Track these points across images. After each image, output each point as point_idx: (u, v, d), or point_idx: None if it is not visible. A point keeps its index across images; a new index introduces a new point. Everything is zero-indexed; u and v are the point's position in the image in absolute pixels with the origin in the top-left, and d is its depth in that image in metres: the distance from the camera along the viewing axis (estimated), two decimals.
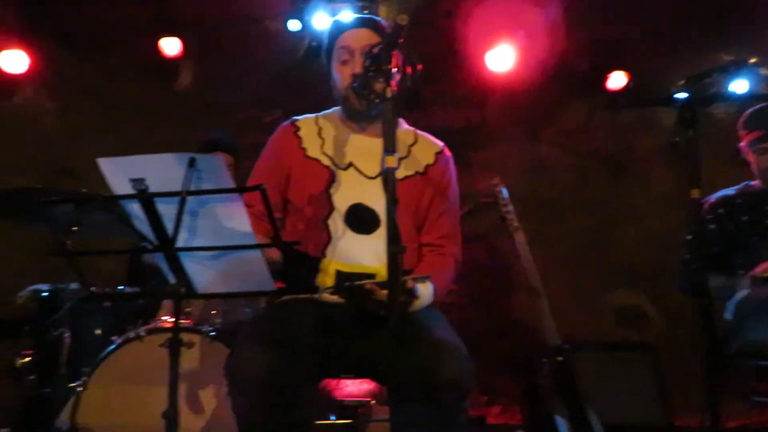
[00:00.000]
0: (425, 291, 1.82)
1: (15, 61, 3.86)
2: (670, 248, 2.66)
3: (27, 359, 2.72)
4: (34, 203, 2.21)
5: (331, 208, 1.90)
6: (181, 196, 1.30)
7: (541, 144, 4.11)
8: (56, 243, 1.41)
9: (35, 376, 2.73)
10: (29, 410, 2.67)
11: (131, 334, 2.34)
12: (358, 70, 1.86)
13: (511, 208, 2.74)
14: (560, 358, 2.52)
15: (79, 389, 2.26)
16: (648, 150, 3.93)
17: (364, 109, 1.93)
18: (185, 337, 1.46)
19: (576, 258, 3.89)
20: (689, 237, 2.49)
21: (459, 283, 3.49)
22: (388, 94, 1.53)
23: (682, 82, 2.03)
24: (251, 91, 4.07)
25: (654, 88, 3.74)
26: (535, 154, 4.08)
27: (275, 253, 1.79)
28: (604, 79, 3.91)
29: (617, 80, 3.90)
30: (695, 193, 1.99)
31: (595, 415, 2.50)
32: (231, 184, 1.33)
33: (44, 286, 2.94)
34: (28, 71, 3.92)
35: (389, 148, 1.51)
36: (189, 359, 2.21)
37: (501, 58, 3.83)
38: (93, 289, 1.54)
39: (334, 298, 1.83)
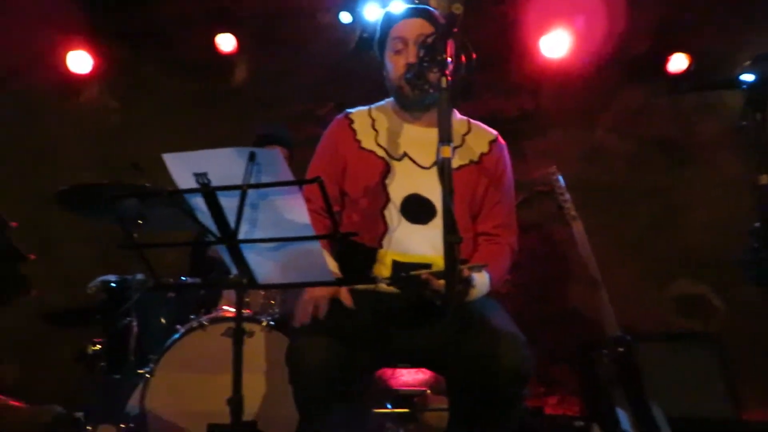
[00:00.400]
0: (481, 280, 1.81)
1: (80, 61, 4.03)
2: (736, 236, 2.55)
3: (98, 347, 2.84)
4: (103, 198, 2.30)
5: (386, 199, 1.91)
6: (242, 189, 1.33)
7: (598, 130, 4.01)
8: (125, 236, 1.46)
9: (106, 363, 2.85)
10: (101, 395, 2.79)
11: (194, 324, 2.41)
12: (411, 59, 1.87)
13: (567, 196, 2.70)
14: (621, 349, 2.47)
15: (146, 376, 2.34)
16: (712, 134, 3.78)
17: (418, 99, 1.93)
18: (246, 326, 1.50)
19: (636, 247, 3.79)
20: (757, 225, 2.38)
21: (515, 273, 3.45)
22: (443, 83, 1.53)
23: (748, 63, 1.94)
24: (304, 84, 4.12)
25: (717, 71, 3.59)
26: (592, 140, 3.98)
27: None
28: (665, 61, 3.78)
29: (678, 63, 3.77)
30: (764, 179, 1.91)
31: (659, 408, 2.44)
32: (290, 177, 1.35)
33: (112, 277, 3.06)
34: (93, 71, 4.08)
35: (445, 138, 1.51)
36: (249, 348, 2.26)
37: (555, 44, 3.76)
38: (160, 280, 1.59)
39: (391, 288, 1.84)
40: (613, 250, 3.56)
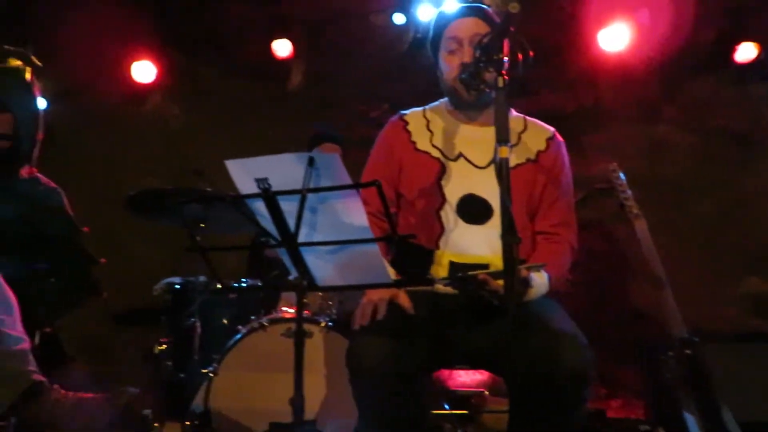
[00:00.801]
0: (540, 280, 1.79)
1: (144, 71, 4.20)
2: None
3: (164, 346, 2.94)
4: (168, 203, 2.39)
5: (442, 200, 1.90)
6: (302, 193, 1.35)
7: (660, 123, 3.89)
8: (190, 239, 1.51)
9: (172, 362, 2.95)
10: (168, 394, 2.89)
11: (255, 324, 2.46)
12: (466, 59, 1.86)
13: (629, 193, 2.63)
14: (688, 351, 2.38)
15: (210, 375, 2.41)
16: None
17: (474, 99, 1.92)
18: (305, 327, 1.53)
19: (703, 243, 3.66)
20: None
21: (575, 272, 3.38)
22: (500, 83, 1.51)
23: None
24: (358, 86, 4.16)
25: None
26: (654, 134, 3.87)
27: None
28: (732, 51, 3.63)
29: (747, 52, 3.62)
30: None
31: (729, 412, 2.35)
32: (348, 181, 1.37)
33: (177, 279, 3.17)
34: (156, 80, 4.24)
35: (502, 138, 1.49)
36: (309, 348, 2.28)
37: (614, 37, 3.67)
38: (222, 282, 1.63)
39: (448, 289, 1.84)
40: (679, 248, 3.45)
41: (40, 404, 1.84)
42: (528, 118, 2.06)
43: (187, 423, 2.40)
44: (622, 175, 2.64)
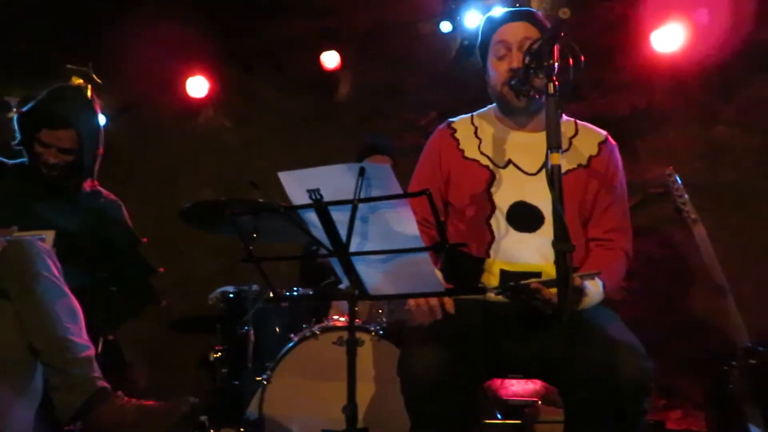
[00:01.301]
0: (594, 288, 1.75)
1: (198, 86, 4.33)
2: None
3: (219, 354, 3.02)
4: (223, 214, 2.45)
5: (492, 208, 1.89)
6: (353, 203, 1.37)
7: (719, 125, 3.75)
8: (243, 249, 1.55)
9: (227, 370, 3.02)
10: (223, 401, 2.96)
11: (307, 333, 2.49)
12: (515, 64, 1.84)
13: (686, 198, 2.56)
14: (753, 361, 2.29)
15: (264, 383, 2.45)
16: None
17: (523, 105, 1.90)
18: (356, 335, 1.53)
19: (766, 249, 3.51)
20: None
21: (631, 279, 3.30)
22: (551, 90, 1.50)
23: None
24: (406, 95, 4.17)
25: None
26: (712, 136, 3.73)
27: None
28: None
29: None
30: None
31: None
32: (399, 191, 1.37)
33: (231, 288, 3.25)
34: (209, 94, 4.37)
35: (553, 144, 1.48)
36: (360, 356, 2.28)
37: (668, 38, 3.58)
38: (275, 291, 1.66)
39: (500, 297, 1.82)
40: (741, 254, 3.32)
41: (105, 410, 1.90)
42: (579, 122, 2.03)
43: (242, 430, 2.44)
44: (678, 179, 2.57)
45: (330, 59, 4.13)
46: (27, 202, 2.38)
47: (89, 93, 3.03)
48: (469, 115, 2.08)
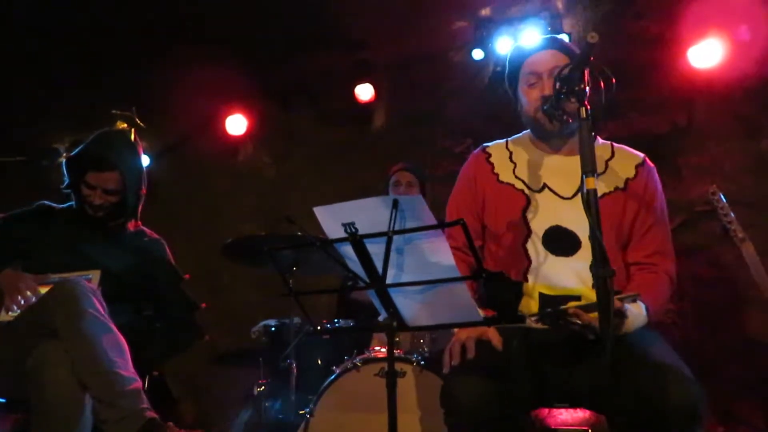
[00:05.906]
0: (636, 311, 1.71)
1: (237, 124, 4.45)
2: None
3: (263, 387, 3.03)
4: (262, 249, 2.49)
5: (528, 232, 1.87)
6: (388, 235, 1.38)
7: (764, 140, 3.65)
8: (283, 284, 1.57)
9: (270, 403, 3.03)
10: None
11: (348, 365, 2.48)
12: (547, 92, 1.84)
13: (732, 216, 2.48)
14: None
15: (307, 416, 2.44)
16: None
17: (557, 130, 1.89)
18: (398, 366, 1.53)
19: None
20: None
21: (681, 301, 3.20)
22: (583, 114, 1.49)
23: None
24: (441, 123, 4.20)
25: None
26: (757, 151, 3.63)
27: None
28: None
29: None
30: None
31: None
32: (432, 221, 1.38)
33: (272, 322, 3.28)
34: (247, 131, 4.48)
35: (588, 169, 1.46)
36: (402, 388, 2.28)
37: (707, 54, 3.53)
38: (315, 325, 1.67)
39: (539, 325, 1.79)
40: None
41: None
42: (616, 144, 2.01)
43: None
44: (722, 197, 2.49)
45: (364, 91, 4.19)
46: (75, 243, 2.46)
47: (133, 136, 3.14)
48: (504, 140, 2.09)
